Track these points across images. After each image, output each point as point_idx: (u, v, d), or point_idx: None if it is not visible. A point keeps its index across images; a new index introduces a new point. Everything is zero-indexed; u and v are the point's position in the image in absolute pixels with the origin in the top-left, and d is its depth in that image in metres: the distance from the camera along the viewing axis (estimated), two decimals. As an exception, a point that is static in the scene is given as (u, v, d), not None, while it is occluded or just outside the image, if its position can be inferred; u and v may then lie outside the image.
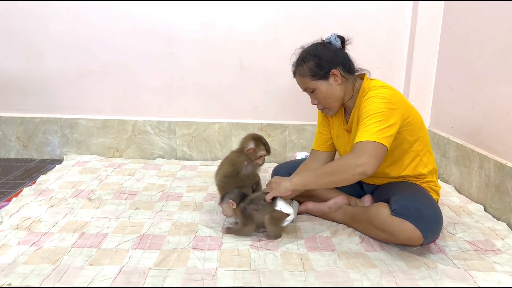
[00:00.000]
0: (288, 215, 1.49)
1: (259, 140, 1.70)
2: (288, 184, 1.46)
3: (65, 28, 2.48)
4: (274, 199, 1.51)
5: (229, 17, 2.48)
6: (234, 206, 1.51)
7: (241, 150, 1.71)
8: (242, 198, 1.53)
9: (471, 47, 2.07)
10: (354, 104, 1.54)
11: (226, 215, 1.60)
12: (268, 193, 1.50)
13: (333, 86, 1.51)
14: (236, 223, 1.61)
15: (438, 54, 2.44)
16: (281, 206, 1.50)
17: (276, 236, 1.51)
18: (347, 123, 1.61)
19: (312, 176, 1.45)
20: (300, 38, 2.40)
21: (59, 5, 2.44)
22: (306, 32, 2.45)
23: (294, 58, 1.58)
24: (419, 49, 2.45)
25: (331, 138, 1.73)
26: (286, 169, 1.88)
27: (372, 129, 1.35)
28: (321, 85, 1.51)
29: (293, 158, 2.56)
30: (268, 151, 1.69)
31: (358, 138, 1.37)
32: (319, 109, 1.62)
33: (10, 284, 1.19)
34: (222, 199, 1.55)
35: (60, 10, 2.45)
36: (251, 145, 1.68)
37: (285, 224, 1.50)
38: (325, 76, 1.50)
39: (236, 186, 1.63)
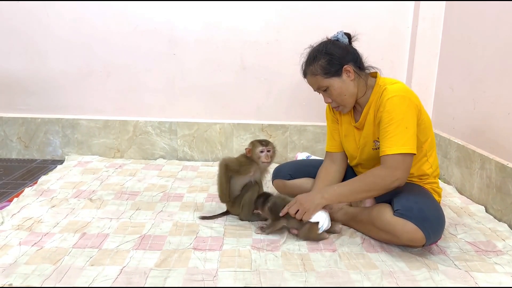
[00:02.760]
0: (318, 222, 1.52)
1: (255, 140, 1.68)
2: (322, 201, 1.47)
3: (67, 28, 2.48)
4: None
5: (231, 18, 2.48)
6: (260, 211, 1.58)
7: (251, 158, 1.68)
8: (264, 199, 1.59)
9: (473, 48, 2.07)
10: (366, 101, 1.53)
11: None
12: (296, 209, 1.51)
13: (346, 82, 1.50)
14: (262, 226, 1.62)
15: (440, 54, 2.44)
16: (315, 218, 1.51)
17: (305, 239, 1.53)
18: (355, 121, 1.60)
19: (346, 191, 1.47)
20: (302, 39, 2.39)
21: (61, 5, 2.45)
22: (307, 32, 2.45)
23: (303, 59, 1.56)
24: (421, 49, 2.45)
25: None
26: (287, 170, 1.87)
27: (400, 139, 1.37)
28: (335, 82, 1.49)
29: (294, 159, 2.56)
30: (265, 144, 1.64)
31: (388, 150, 1.38)
32: (333, 107, 1.60)
33: (11, 284, 1.19)
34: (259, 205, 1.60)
35: (62, 10, 2.45)
36: (248, 147, 1.66)
37: (321, 231, 1.51)
38: (337, 72, 1.48)
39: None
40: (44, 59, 2.53)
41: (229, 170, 1.66)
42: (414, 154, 1.39)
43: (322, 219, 1.49)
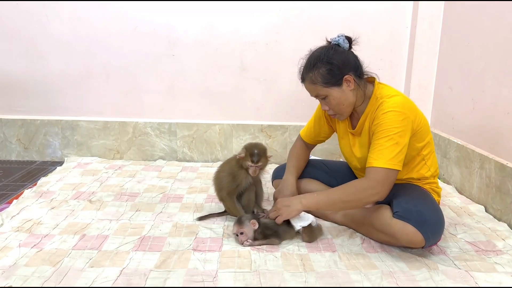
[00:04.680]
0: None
1: (250, 149, 1.62)
2: (299, 206, 1.47)
3: (67, 30, 2.48)
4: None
5: (230, 19, 2.48)
6: (257, 225, 1.48)
7: (239, 160, 1.66)
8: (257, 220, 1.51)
9: (472, 48, 2.07)
10: (364, 109, 1.51)
11: (241, 242, 1.49)
12: (276, 215, 1.50)
13: (346, 92, 1.46)
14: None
15: (439, 55, 2.44)
16: (296, 221, 1.51)
17: (311, 241, 1.53)
18: (352, 127, 1.58)
19: (325, 200, 1.47)
20: (301, 40, 2.40)
21: (60, 7, 2.45)
22: (306, 33, 2.46)
23: (302, 62, 1.51)
24: (420, 50, 2.45)
25: (321, 134, 1.76)
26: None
27: (388, 153, 1.36)
28: (334, 92, 1.45)
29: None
30: (255, 162, 1.59)
31: (374, 162, 1.37)
32: (330, 114, 1.56)
33: (11, 286, 1.19)
34: (240, 222, 1.48)
35: (61, 12, 2.45)
36: (242, 153, 1.63)
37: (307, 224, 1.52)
38: (338, 82, 1.44)
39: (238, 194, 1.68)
40: (44, 60, 2.53)
41: (233, 197, 1.68)
42: (399, 170, 1.38)
43: (310, 218, 1.52)
